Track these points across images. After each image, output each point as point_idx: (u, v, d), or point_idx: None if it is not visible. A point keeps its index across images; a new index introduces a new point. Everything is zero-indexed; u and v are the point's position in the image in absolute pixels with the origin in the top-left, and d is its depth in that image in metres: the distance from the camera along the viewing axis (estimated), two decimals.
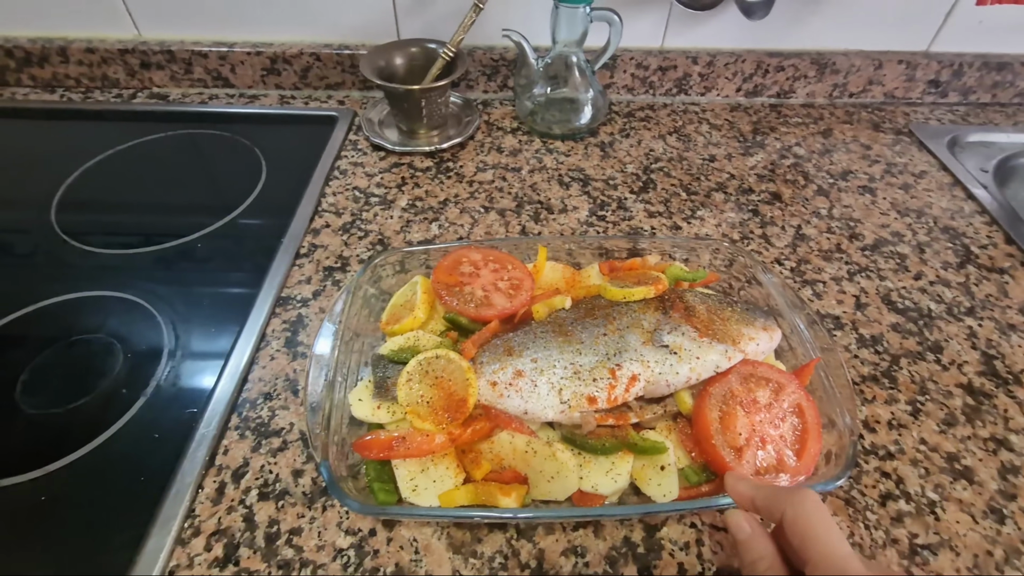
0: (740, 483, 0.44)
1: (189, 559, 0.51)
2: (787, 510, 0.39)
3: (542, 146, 1.02)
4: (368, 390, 0.57)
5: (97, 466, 0.57)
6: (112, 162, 0.98)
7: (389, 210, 0.88)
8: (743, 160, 0.99)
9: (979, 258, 0.81)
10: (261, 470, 0.57)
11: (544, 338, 0.58)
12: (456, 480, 0.52)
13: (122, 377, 0.65)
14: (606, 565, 0.51)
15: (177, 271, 0.78)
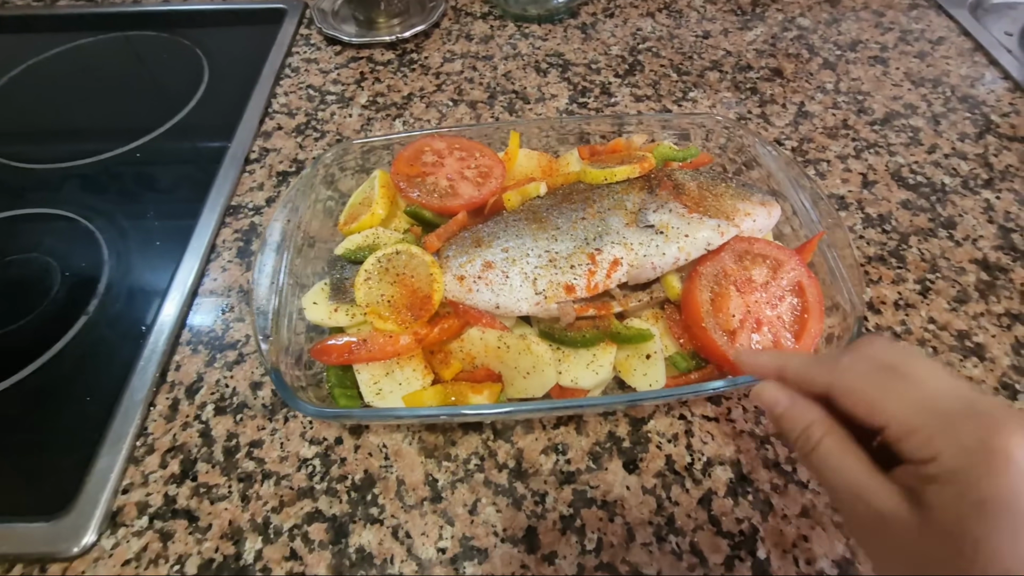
0: (758, 356, 0.36)
1: (144, 477, 0.48)
2: (834, 383, 0.31)
3: (516, 31, 0.91)
4: (324, 293, 0.52)
5: (40, 388, 0.53)
6: (37, 72, 0.88)
7: (347, 108, 0.79)
8: (740, 35, 0.89)
9: (1000, 127, 0.73)
10: (217, 384, 0.53)
11: (516, 226, 0.52)
12: (424, 381, 0.48)
13: (61, 297, 0.60)
14: (589, 461, 0.48)
15: (115, 183, 0.71)
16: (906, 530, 0.27)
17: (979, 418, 0.27)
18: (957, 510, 0.26)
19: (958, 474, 0.26)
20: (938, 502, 0.26)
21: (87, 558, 0.44)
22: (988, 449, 0.26)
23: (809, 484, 0.46)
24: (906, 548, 0.28)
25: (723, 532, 0.44)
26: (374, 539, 0.44)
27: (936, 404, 0.28)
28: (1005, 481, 0.25)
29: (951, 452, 0.26)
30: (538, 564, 0.43)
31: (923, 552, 0.27)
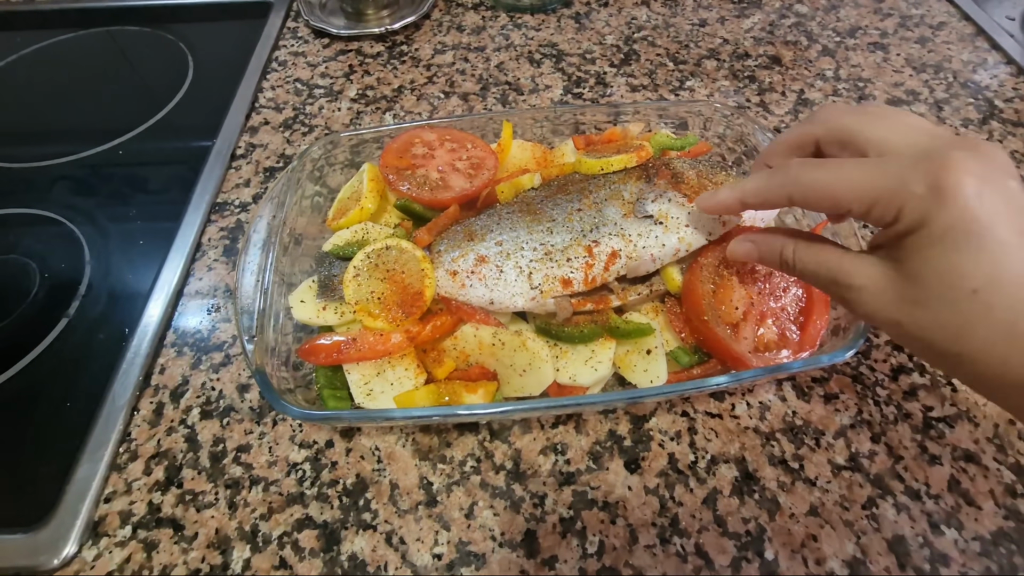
0: (717, 195, 0.39)
1: (127, 484, 0.46)
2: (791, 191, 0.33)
3: (508, 21, 0.89)
4: (311, 291, 0.50)
5: (18, 394, 0.51)
6: (17, 69, 0.86)
7: (336, 102, 0.77)
8: (738, 23, 0.87)
9: (1004, 112, 0.72)
10: (202, 387, 0.51)
11: (510, 219, 0.50)
12: (416, 381, 0.46)
13: (40, 299, 0.58)
14: (589, 461, 0.46)
15: (97, 182, 0.69)
16: (886, 289, 0.31)
17: (927, 164, 0.29)
18: (926, 251, 0.29)
19: (920, 221, 0.28)
20: (910, 251, 0.29)
21: (67, 571, 0.42)
22: (939, 189, 0.28)
23: (817, 481, 0.45)
24: (896, 303, 0.30)
25: (729, 532, 0.43)
26: (367, 546, 0.43)
27: (885, 170, 0.30)
28: (958, 212, 0.28)
29: (911, 205, 0.29)
30: (538, 568, 0.41)
31: (903, 305, 0.30)
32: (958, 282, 0.28)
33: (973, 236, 0.28)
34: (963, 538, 0.42)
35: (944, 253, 0.28)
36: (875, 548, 0.42)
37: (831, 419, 0.48)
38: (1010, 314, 0.27)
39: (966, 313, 0.28)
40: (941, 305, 0.29)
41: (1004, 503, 0.43)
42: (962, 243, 0.28)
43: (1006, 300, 0.27)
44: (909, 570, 0.41)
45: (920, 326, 0.30)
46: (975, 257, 0.28)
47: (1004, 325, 0.27)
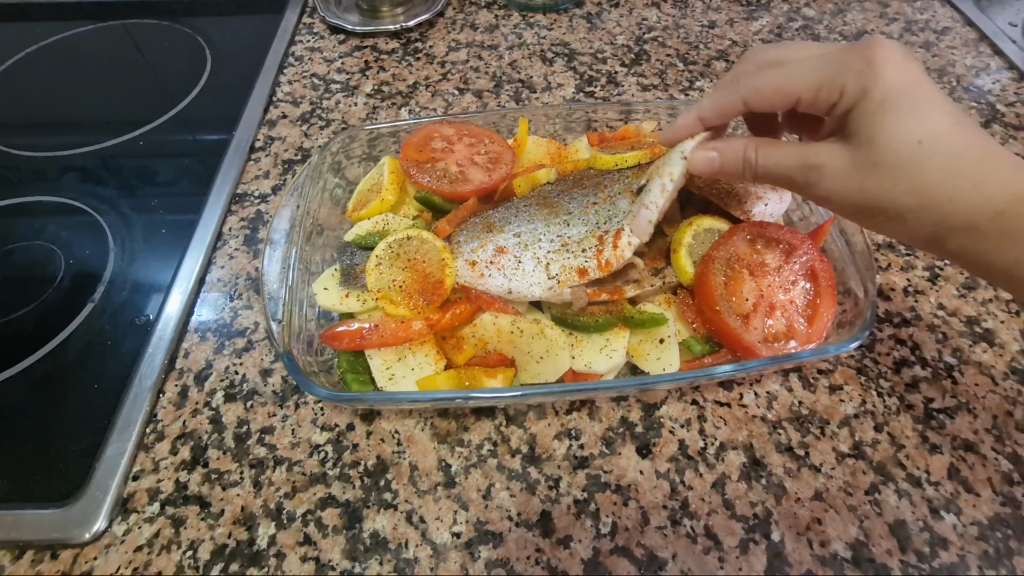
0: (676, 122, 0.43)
1: (154, 463, 0.47)
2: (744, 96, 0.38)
3: (521, 20, 0.90)
4: (335, 279, 0.52)
5: (46, 376, 0.53)
6: (36, 61, 0.87)
7: (352, 97, 0.79)
8: (746, 25, 0.88)
9: (1006, 116, 0.74)
10: (226, 371, 0.53)
11: (528, 212, 0.52)
12: (436, 367, 0.48)
13: (66, 284, 0.59)
14: (602, 446, 0.48)
15: (118, 172, 0.70)
16: (845, 162, 0.34)
17: (859, 48, 0.34)
18: (872, 117, 0.33)
19: (862, 91, 0.33)
20: (858, 122, 0.34)
21: (98, 544, 0.43)
22: (873, 62, 0.33)
23: (822, 468, 0.46)
24: (852, 176, 0.34)
25: (737, 515, 0.44)
26: (388, 524, 0.44)
27: (823, 60, 0.35)
28: (892, 78, 0.32)
29: (851, 81, 0.33)
30: (553, 548, 0.43)
31: (863, 170, 0.34)
32: (905, 135, 0.32)
33: (907, 96, 0.33)
34: (961, 523, 0.44)
35: (887, 114, 0.33)
36: (877, 531, 0.43)
37: (836, 409, 0.49)
38: (951, 158, 0.32)
39: (916, 162, 0.32)
40: (894, 159, 0.33)
41: (1001, 490, 0.45)
42: (901, 103, 0.32)
43: (946, 146, 0.32)
44: (910, 553, 0.42)
45: (879, 184, 0.34)
46: (914, 113, 0.32)
47: (947, 167, 0.32)
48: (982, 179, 0.32)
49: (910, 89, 0.33)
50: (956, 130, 0.33)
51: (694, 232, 0.50)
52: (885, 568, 0.42)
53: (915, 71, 0.33)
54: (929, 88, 0.33)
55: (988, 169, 0.32)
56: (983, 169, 0.32)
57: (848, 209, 0.36)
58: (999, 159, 0.33)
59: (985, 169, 0.32)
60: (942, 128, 0.33)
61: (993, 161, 0.33)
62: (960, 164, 0.32)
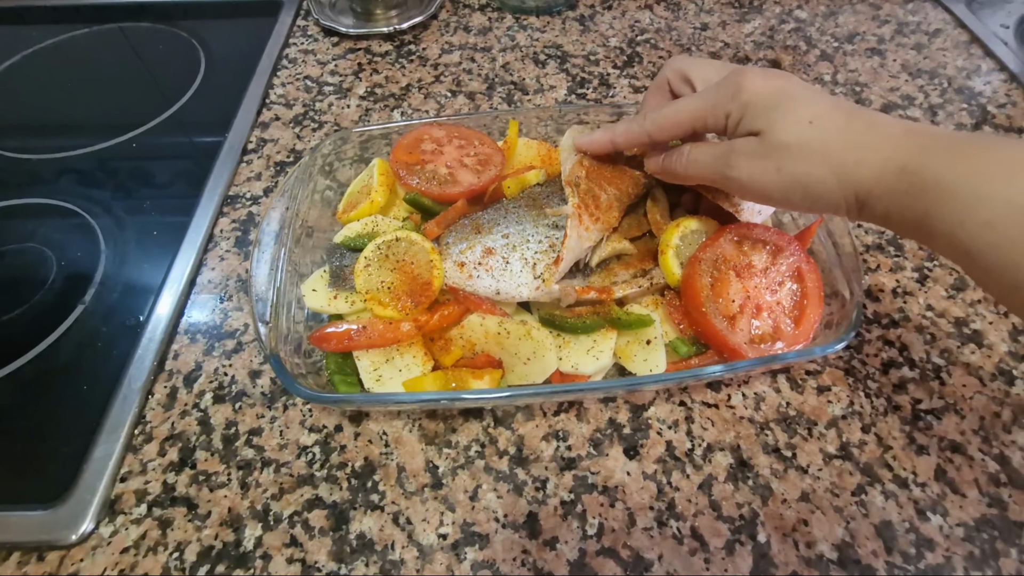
0: (592, 135, 0.50)
1: (142, 465, 0.47)
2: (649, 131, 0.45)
3: (514, 22, 0.91)
4: (323, 280, 0.52)
5: (36, 377, 0.53)
6: (31, 64, 0.87)
7: (345, 99, 0.79)
8: (739, 27, 0.89)
9: (996, 118, 0.74)
10: (215, 373, 0.53)
11: (516, 213, 0.52)
12: (424, 368, 0.48)
13: (57, 286, 0.59)
14: (590, 447, 0.48)
15: (111, 174, 0.71)
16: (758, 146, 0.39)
17: (728, 79, 0.41)
18: (761, 119, 0.38)
19: (743, 108, 0.39)
20: (752, 127, 0.39)
21: (85, 546, 0.44)
22: (741, 85, 0.39)
23: (809, 469, 0.46)
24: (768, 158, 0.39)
25: (723, 516, 0.44)
26: (375, 525, 0.44)
27: (704, 95, 0.42)
28: (762, 88, 0.39)
29: (731, 106, 0.40)
30: (539, 549, 0.43)
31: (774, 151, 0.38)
32: (795, 120, 0.37)
33: (784, 95, 0.38)
34: (948, 524, 0.44)
35: (773, 112, 0.38)
36: (863, 532, 0.43)
37: (823, 410, 0.50)
38: (841, 131, 0.37)
39: (814, 137, 0.37)
40: (795, 139, 0.37)
41: (988, 491, 0.45)
42: (782, 102, 0.38)
43: (832, 122, 0.37)
44: (895, 554, 0.42)
45: (792, 161, 0.38)
46: (796, 105, 0.38)
47: (841, 139, 0.37)
48: (876, 143, 0.36)
49: (784, 90, 0.39)
50: (838, 109, 0.38)
51: (681, 234, 0.50)
52: (871, 569, 0.42)
53: (780, 79, 0.39)
54: (800, 86, 0.39)
55: (878, 134, 0.36)
56: (873, 135, 0.36)
57: (772, 190, 0.39)
58: (885, 123, 0.37)
59: (875, 134, 0.36)
60: (825, 109, 0.38)
61: (880, 127, 0.37)
62: (848, 136, 0.37)
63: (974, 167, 0.33)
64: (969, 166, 0.33)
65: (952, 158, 0.33)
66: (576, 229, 0.48)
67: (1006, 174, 0.32)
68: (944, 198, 0.33)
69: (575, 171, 0.51)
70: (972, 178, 0.32)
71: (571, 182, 0.50)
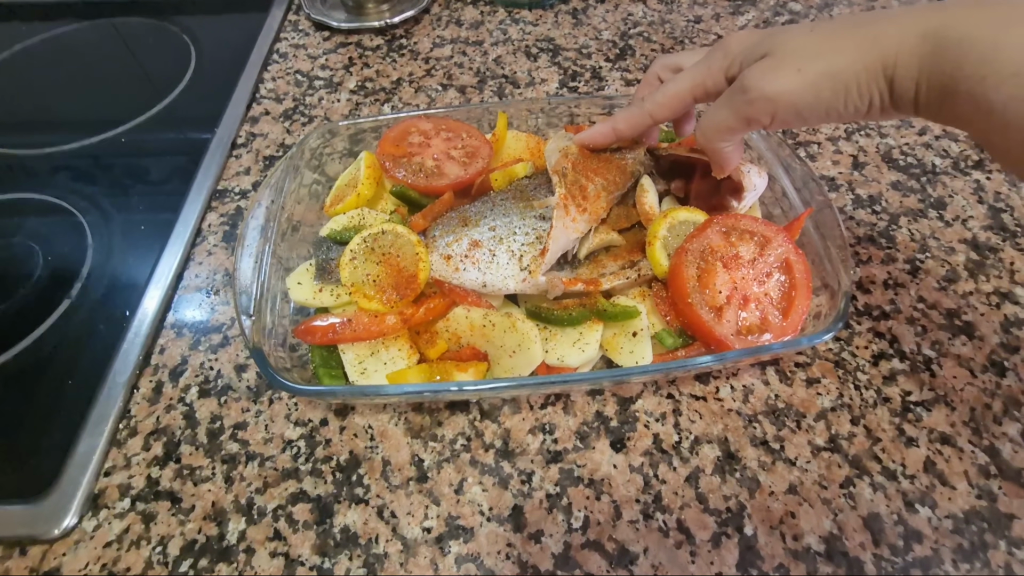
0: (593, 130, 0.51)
1: (126, 459, 0.47)
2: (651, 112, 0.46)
3: (507, 16, 0.90)
4: (309, 273, 0.52)
5: (21, 371, 0.52)
6: (21, 59, 0.87)
7: (336, 93, 0.78)
8: (732, 20, 0.88)
9: None
10: (201, 367, 0.53)
11: (503, 205, 0.52)
12: (409, 361, 0.47)
13: (44, 281, 0.59)
14: (576, 440, 0.48)
15: (99, 169, 0.70)
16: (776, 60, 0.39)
17: (716, 43, 0.43)
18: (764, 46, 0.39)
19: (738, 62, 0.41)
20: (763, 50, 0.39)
21: (68, 540, 0.43)
22: (727, 44, 0.42)
23: (797, 462, 0.46)
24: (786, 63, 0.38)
25: (710, 509, 0.44)
26: (359, 519, 0.44)
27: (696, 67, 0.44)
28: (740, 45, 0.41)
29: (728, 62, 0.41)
30: (524, 542, 0.43)
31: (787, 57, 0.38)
32: (798, 31, 0.39)
33: (774, 30, 0.40)
34: (936, 516, 0.43)
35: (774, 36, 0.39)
36: (851, 525, 0.43)
37: (812, 402, 0.49)
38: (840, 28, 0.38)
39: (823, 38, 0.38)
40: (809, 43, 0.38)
41: (977, 483, 0.45)
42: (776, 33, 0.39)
43: (837, 19, 0.39)
44: (883, 546, 0.42)
45: (812, 62, 0.37)
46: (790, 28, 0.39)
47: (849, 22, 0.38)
48: (891, 16, 0.36)
49: (772, 29, 0.41)
50: (827, 19, 0.41)
51: (669, 224, 0.50)
52: (858, 562, 0.42)
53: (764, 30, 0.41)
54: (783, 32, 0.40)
55: (889, 12, 0.37)
56: (885, 13, 0.37)
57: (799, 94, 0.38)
58: (880, 12, 0.38)
59: (887, 13, 0.37)
60: (819, 21, 0.40)
61: (890, 11, 0.37)
62: (859, 18, 0.38)
63: (997, 17, 0.32)
64: (991, 16, 0.32)
65: (972, 9, 0.33)
66: (562, 220, 0.48)
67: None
68: (968, 53, 0.32)
69: (561, 162, 0.50)
70: (996, 29, 0.32)
71: (558, 171, 0.50)
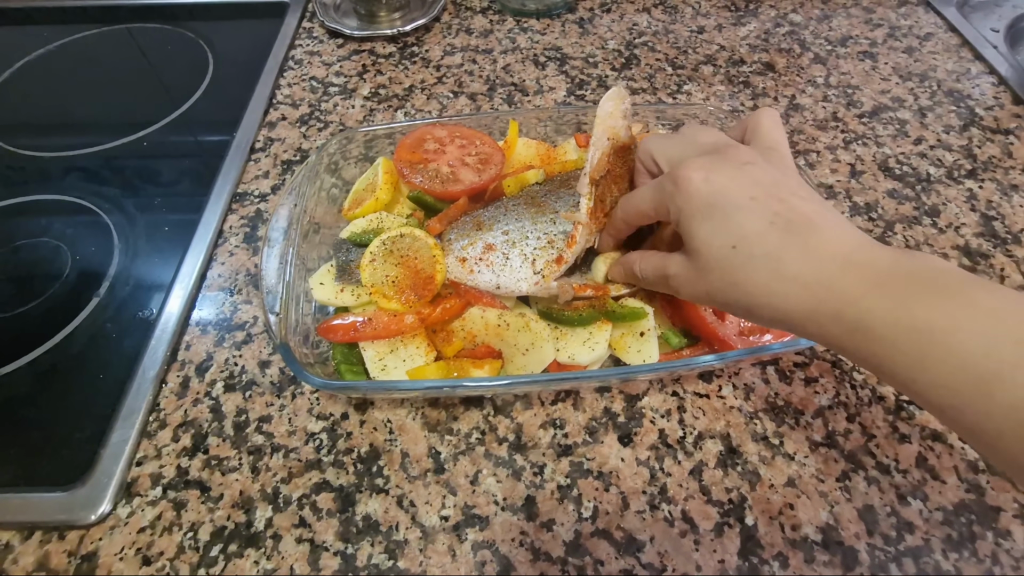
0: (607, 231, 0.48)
1: (157, 450, 0.50)
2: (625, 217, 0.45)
3: (515, 25, 0.93)
4: (330, 274, 0.54)
5: (54, 367, 0.55)
6: (41, 64, 0.89)
7: (350, 99, 0.81)
8: (734, 30, 0.91)
9: (984, 120, 0.76)
10: (226, 363, 0.55)
11: (516, 211, 0.54)
12: (427, 358, 0.50)
13: (72, 280, 0.61)
14: (586, 435, 0.50)
15: (123, 171, 0.72)
16: (687, 270, 0.38)
17: (673, 171, 0.38)
18: (690, 230, 0.36)
19: (677, 211, 0.37)
20: (685, 235, 0.37)
21: (103, 526, 0.46)
22: (677, 183, 0.37)
23: (795, 456, 0.48)
24: (697, 282, 0.38)
25: (713, 500, 0.46)
26: (380, 507, 0.46)
27: (655, 184, 0.40)
28: (694, 195, 0.36)
29: (670, 203, 0.38)
30: (537, 531, 0.45)
31: (701, 275, 0.37)
32: (718, 243, 0.35)
33: (713, 208, 0.35)
34: (927, 508, 0.46)
35: (702, 224, 0.36)
36: (846, 516, 0.45)
37: (810, 400, 0.52)
38: (767, 259, 0.33)
39: (736, 265, 0.34)
40: (717, 265, 0.35)
41: (966, 478, 0.47)
42: (707, 215, 0.35)
43: (759, 248, 0.34)
44: (877, 536, 0.44)
45: (715, 288, 0.36)
46: (721, 222, 0.35)
47: (767, 267, 0.33)
48: (807, 277, 0.32)
49: (717, 199, 0.35)
50: (770, 231, 0.33)
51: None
52: (853, 551, 0.44)
53: (720, 184, 0.35)
54: (736, 195, 0.35)
55: (810, 262, 0.32)
56: (805, 264, 0.32)
57: (709, 304, 0.40)
58: (826, 244, 0.33)
59: (808, 263, 0.32)
60: (755, 230, 0.34)
61: (816, 251, 0.32)
62: (777, 264, 0.33)
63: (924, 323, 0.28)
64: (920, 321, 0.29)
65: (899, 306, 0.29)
66: (584, 235, 0.49)
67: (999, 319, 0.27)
68: (892, 354, 0.29)
69: (602, 165, 0.49)
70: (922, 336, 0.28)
71: (594, 179, 0.48)
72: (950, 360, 0.28)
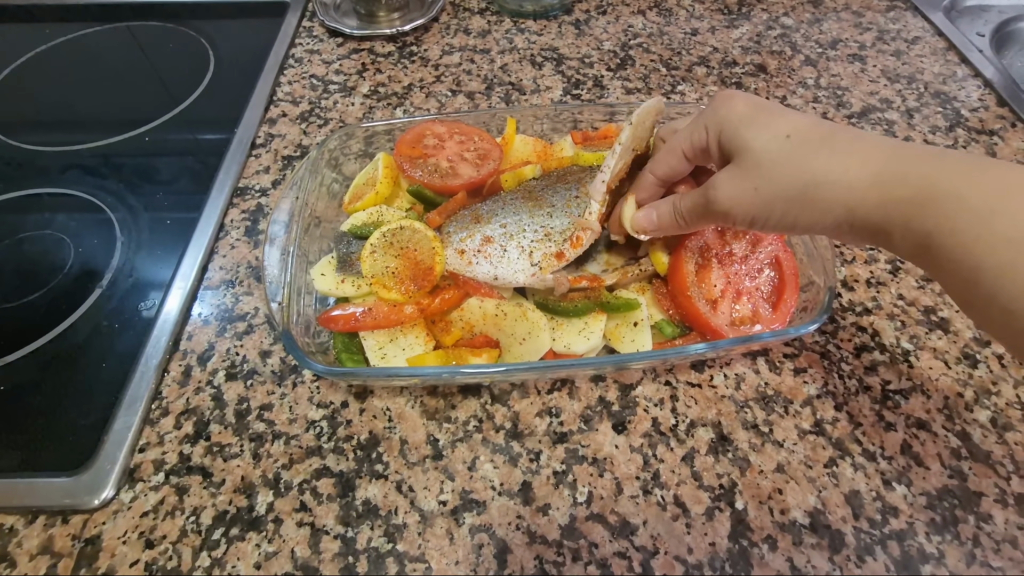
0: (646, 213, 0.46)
1: (159, 437, 0.50)
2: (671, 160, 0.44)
3: (513, 26, 0.94)
4: (331, 265, 0.55)
5: (58, 355, 0.56)
6: (43, 61, 0.90)
7: (350, 97, 0.82)
8: (727, 33, 0.92)
9: (969, 121, 0.78)
10: (227, 353, 0.56)
11: (514, 204, 0.56)
12: (426, 347, 0.51)
13: (75, 271, 0.62)
14: (581, 423, 0.51)
15: (125, 166, 0.73)
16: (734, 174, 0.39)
17: (708, 105, 0.41)
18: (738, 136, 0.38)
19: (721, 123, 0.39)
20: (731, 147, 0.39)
21: (107, 510, 0.46)
22: (715, 104, 0.40)
23: (784, 443, 0.50)
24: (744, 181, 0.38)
25: (704, 486, 0.48)
26: (379, 492, 0.47)
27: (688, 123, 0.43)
28: (739, 103, 0.39)
29: (709, 122, 0.40)
30: (533, 515, 0.46)
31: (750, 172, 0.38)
32: (773, 133, 0.37)
33: (762, 110, 0.38)
34: (912, 493, 0.47)
35: (750, 126, 0.37)
36: (833, 501, 0.47)
37: (799, 390, 0.53)
38: (823, 141, 0.36)
39: (792, 152, 0.36)
40: (773, 156, 0.36)
41: (949, 464, 0.48)
42: (759, 116, 0.37)
43: (815, 134, 0.36)
44: (863, 520, 0.46)
45: (768, 179, 0.37)
46: (773, 118, 0.37)
47: (822, 149, 0.35)
48: (867, 150, 0.35)
49: (761, 105, 0.38)
50: (817, 124, 0.37)
51: None
52: (839, 534, 0.45)
53: (756, 98, 0.39)
54: (776, 104, 0.39)
55: (867, 143, 0.35)
56: (863, 144, 0.35)
57: (753, 213, 0.39)
58: (874, 137, 0.36)
59: (865, 144, 0.35)
60: (804, 124, 0.37)
61: (868, 139, 0.36)
62: (835, 144, 0.35)
63: (994, 181, 0.30)
64: (988, 179, 0.30)
65: (966, 169, 0.31)
66: (591, 239, 0.50)
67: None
68: (958, 210, 0.30)
69: (620, 174, 0.50)
70: (992, 192, 0.30)
71: (611, 187, 0.49)
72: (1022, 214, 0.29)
